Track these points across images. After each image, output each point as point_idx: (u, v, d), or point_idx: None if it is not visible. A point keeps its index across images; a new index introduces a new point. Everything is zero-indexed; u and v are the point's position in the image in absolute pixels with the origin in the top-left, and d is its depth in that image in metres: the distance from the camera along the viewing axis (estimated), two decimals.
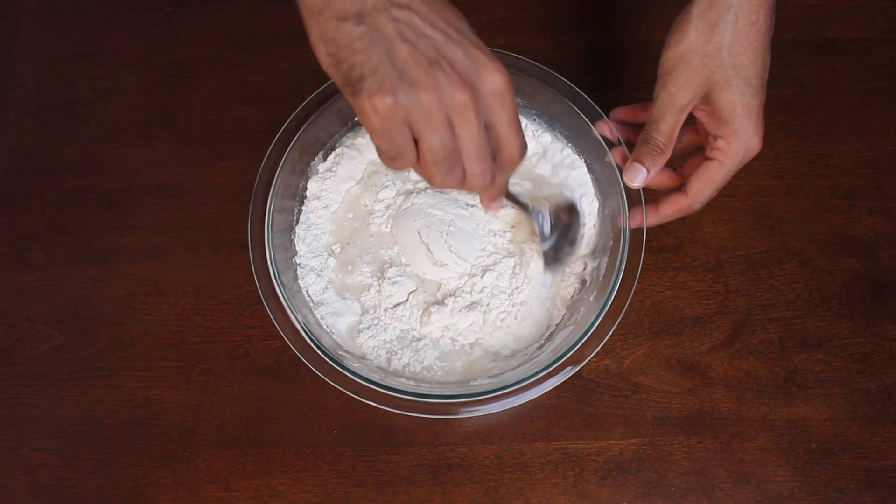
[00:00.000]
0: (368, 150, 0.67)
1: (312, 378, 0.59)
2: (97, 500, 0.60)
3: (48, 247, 0.68)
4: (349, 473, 0.61)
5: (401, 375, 0.60)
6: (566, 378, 0.56)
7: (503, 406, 0.55)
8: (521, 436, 0.62)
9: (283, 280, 0.59)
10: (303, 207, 0.66)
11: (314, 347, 0.56)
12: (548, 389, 0.55)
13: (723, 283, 0.66)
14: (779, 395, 0.63)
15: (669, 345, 0.64)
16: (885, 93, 0.73)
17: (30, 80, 0.75)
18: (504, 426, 0.62)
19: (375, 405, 0.55)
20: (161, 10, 0.78)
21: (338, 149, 0.68)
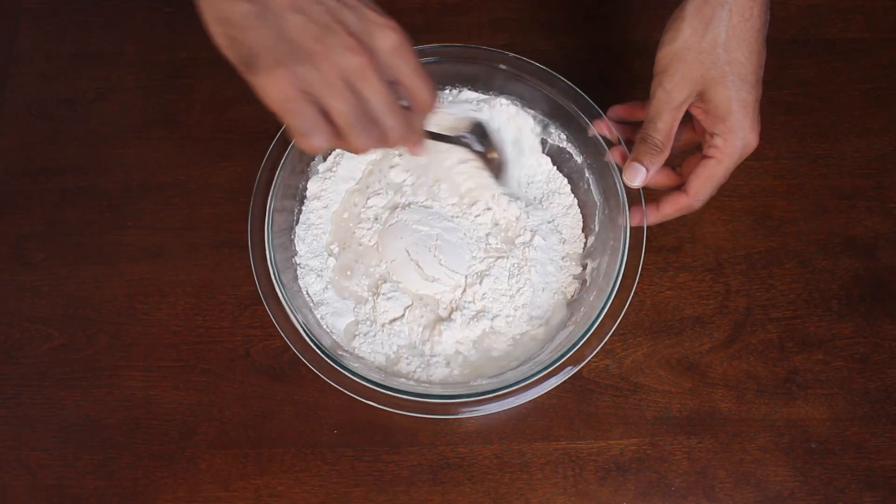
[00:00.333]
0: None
1: (312, 378, 0.59)
2: (97, 500, 0.60)
3: (48, 247, 0.68)
4: (349, 473, 0.61)
5: (401, 376, 0.60)
6: (566, 378, 0.56)
7: (503, 406, 0.55)
8: (522, 436, 0.62)
9: (283, 280, 0.58)
10: (303, 207, 0.66)
11: (314, 347, 0.56)
12: (548, 389, 0.55)
13: (723, 283, 0.66)
14: (779, 395, 0.62)
15: (669, 345, 0.64)
16: (885, 93, 0.73)
17: (30, 80, 0.75)
18: (504, 426, 0.62)
19: (375, 405, 0.55)
20: (161, 10, 0.78)
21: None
